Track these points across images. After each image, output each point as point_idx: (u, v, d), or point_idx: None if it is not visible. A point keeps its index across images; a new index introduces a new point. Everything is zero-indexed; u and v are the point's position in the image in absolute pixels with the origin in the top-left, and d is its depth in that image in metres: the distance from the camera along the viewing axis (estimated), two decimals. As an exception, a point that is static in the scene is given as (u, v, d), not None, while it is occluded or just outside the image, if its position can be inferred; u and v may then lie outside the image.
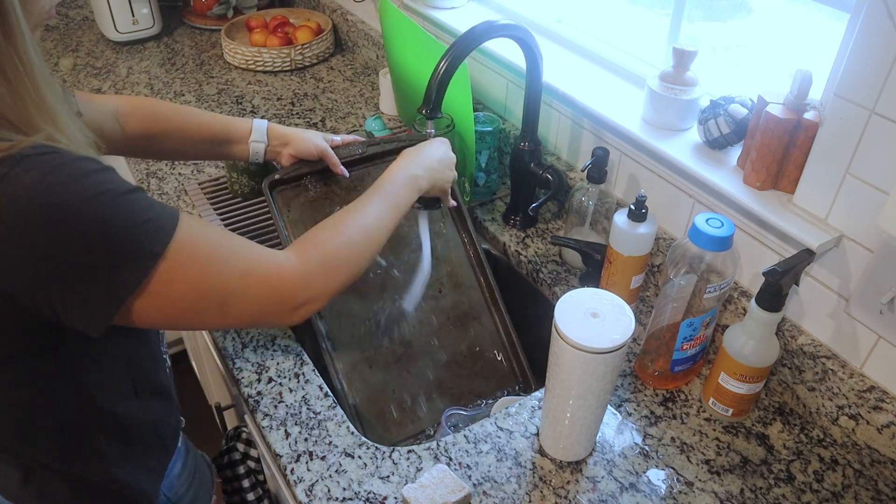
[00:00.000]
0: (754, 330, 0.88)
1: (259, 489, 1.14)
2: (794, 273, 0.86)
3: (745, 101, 0.99)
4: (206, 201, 1.32)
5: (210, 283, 0.68)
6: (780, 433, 0.94)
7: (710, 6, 1.16)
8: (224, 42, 1.84)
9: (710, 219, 0.88)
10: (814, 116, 0.88)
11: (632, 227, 1.00)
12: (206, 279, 0.68)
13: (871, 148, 0.81)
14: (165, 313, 0.67)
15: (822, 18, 1.00)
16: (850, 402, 0.90)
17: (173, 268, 0.65)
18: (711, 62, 1.16)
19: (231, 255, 0.71)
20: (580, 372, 0.77)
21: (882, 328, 0.86)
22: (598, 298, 0.80)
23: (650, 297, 1.14)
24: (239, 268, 0.70)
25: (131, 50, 1.92)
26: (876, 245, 0.84)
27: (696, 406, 0.97)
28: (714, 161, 1.01)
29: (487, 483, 0.87)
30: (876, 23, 0.76)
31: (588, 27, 1.33)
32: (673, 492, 0.86)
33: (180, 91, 1.72)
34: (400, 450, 0.90)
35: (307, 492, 0.85)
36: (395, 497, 0.85)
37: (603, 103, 1.15)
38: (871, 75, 0.78)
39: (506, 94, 1.42)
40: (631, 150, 1.15)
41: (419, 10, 1.52)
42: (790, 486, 0.87)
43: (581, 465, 0.89)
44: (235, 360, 1.02)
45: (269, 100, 1.69)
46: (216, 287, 0.69)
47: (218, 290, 0.69)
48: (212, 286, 0.69)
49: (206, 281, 0.68)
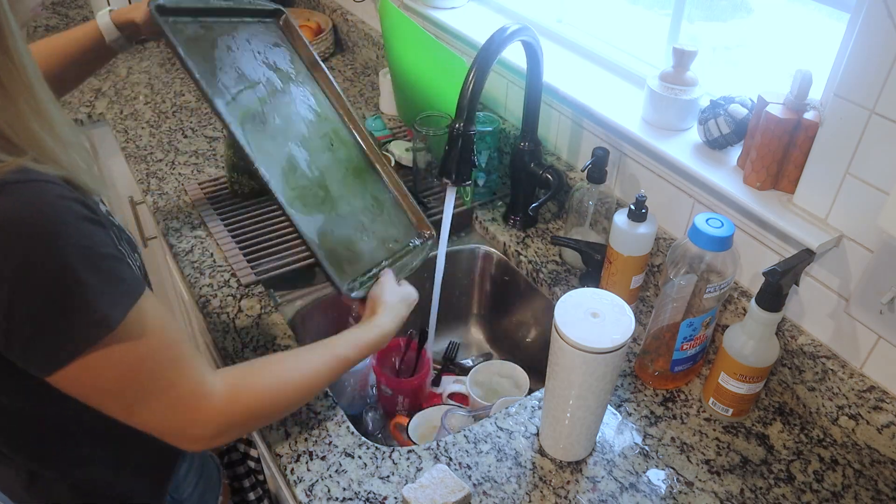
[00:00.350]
0: (754, 330, 0.88)
1: (259, 489, 1.14)
2: (794, 273, 0.86)
3: (745, 101, 0.99)
4: (206, 201, 1.32)
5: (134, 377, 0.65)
6: (780, 433, 0.94)
7: (710, 6, 1.16)
8: (224, 42, 1.84)
9: (710, 219, 0.88)
10: (814, 116, 0.88)
11: (632, 227, 1.00)
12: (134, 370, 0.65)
13: (871, 148, 0.81)
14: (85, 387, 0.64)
15: (822, 18, 1.00)
16: (850, 402, 0.90)
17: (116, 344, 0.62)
18: (711, 62, 1.16)
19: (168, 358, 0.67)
20: (580, 372, 0.77)
21: (882, 328, 0.86)
22: (598, 298, 0.80)
23: (650, 297, 1.14)
24: (168, 376, 0.67)
25: (131, 50, 1.92)
26: (876, 245, 0.84)
27: (696, 406, 0.97)
28: (714, 161, 1.01)
29: (487, 483, 0.87)
30: (876, 23, 0.76)
31: (588, 27, 1.33)
32: (673, 492, 0.86)
33: (180, 91, 1.71)
34: (400, 450, 0.90)
35: (307, 492, 0.85)
36: (395, 497, 0.85)
37: (603, 103, 1.15)
38: (871, 75, 0.78)
39: (506, 94, 1.42)
40: (631, 150, 1.15)
41: (419, 10, 1.52)
42: (790, 486, 0.87)
43: (581, 465, 0.89)
44: (235, 361, 1.02)
45: (269, 100, 1.69)
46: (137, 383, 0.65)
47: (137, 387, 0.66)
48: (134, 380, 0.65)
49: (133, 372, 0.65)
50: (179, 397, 0.68)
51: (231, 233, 1.25)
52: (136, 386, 0.65)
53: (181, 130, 1.55)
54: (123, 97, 1.69)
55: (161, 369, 0.66)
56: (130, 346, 0.63)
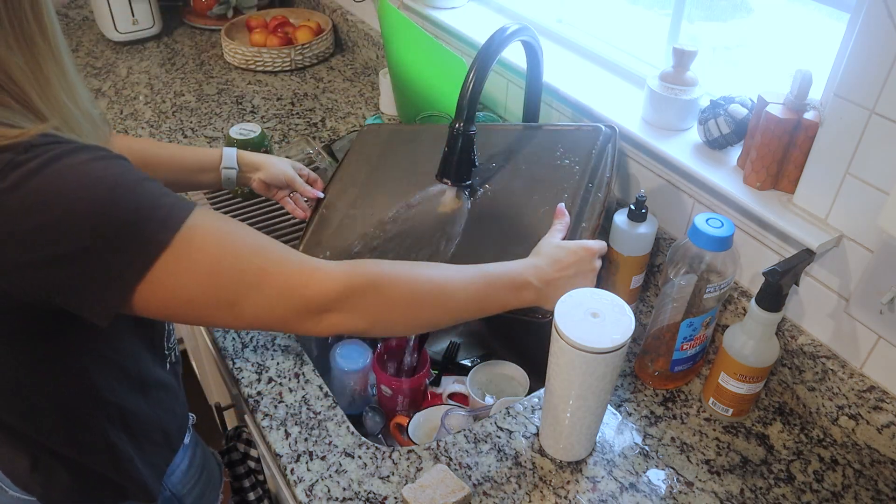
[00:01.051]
0: (754, 330, 0.88)
1: (259, 489, 1.14)
2: (794, 273, 0.86)
3: (745, 101, 0.99)
4: (206, 201, 1.32)
5: (219, 279, 0.64)
6: (780, 433, 0.94)
7: (710, 6, 1.16)
8: (224, 42, 1.84)
9: (710, 219, 0.88)
10: (814, 116, 0.88)
11: (632, 227, 1.01)
12: (215, 274, 0.64)
13: (871, 148, 0.81)
14: (170, 305, 0.64)
15: (822, 18, 1.00)
16: (850, 402, 0.90)
17: (179, 258, 0.62)
18: (711, 62, 1.16)
19: (249, 251, 0.66)
20: (580, 372, 0.77)
21: (882, 328, 0.86)
22: (598, 298, 0.80)
23: (650, 297, 1.14)
24: (256, 265, 0.66)
25: (131, 50, 1.93)
26: (876, 245, 0.84)
27: (696, 406, 0.97)
28: (714, 161, 1.01)
29: (487, 483, 0.87)
30: (876, 23, 0.76)
31: (588, 27, 1.33)
32: (673, 492, 0.86)
33: (180, 91, 1.72)
34: (400, 450, 0.90)
35: (307, 492, 0.85)
36: (395, 497, 0.85)
37: (603, 103, 1.15)
38: (871, 75, 0.78)
39: (506, 94, 1.42)
40: (631, 150, 1.15)
41: (419, 10, 1.52)
42: (790, 486, 0.87)
43: (581, 465, 0.89)
44: (235, 360, 1.02)
45: (269, 100, 1.69)
46: (226, 284, 0.65)
47: (229, 288, 0.65)
48: (221, 282, 0.64)
49: (215, 276, 0.64)
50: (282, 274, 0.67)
51: (231, 233, 1.24)
52: (224, 288, 0.65)
53: (181, 130, 1.55)
54: (123, 97, 1.69)
55: (243, 263, 0.65)
56: (197, 254, 0.63)
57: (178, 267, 0.62)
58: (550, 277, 0.82)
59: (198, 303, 0.65)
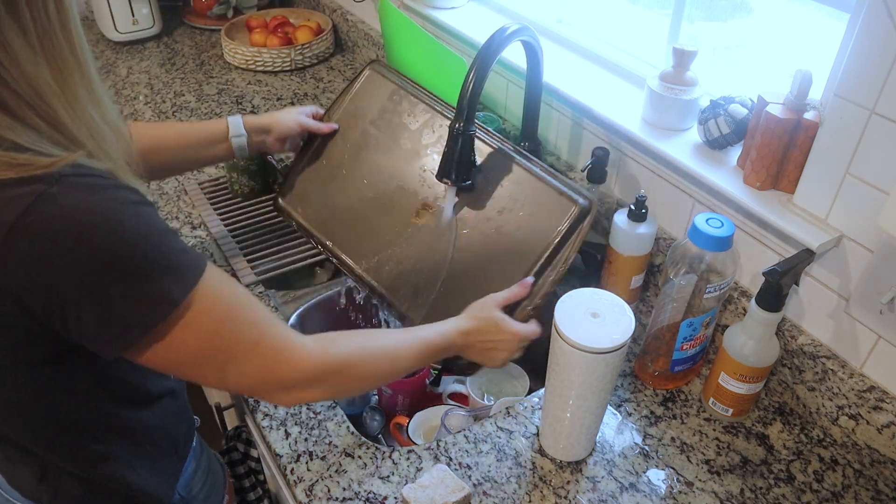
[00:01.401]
0: (754, 330, 0.88)
1: (259, 489, 1.14)
2: (794, 273, 0.86)
3: (745, 101, 0.99)
4: (206, 201, 1.32)
5: (218, 343, 0.67)
6: (780, 433, 0.94)
7: (710, 6, 1.16)
8: (224, 42, 1.84)
9: (710, 219, 0.88)
10: (814, 116, 0.88)
11: (632, 227, 1.01)
12: (215, 337, 0.67)
13: (871, 148, 0.81)
14: (169, 359, 0.66)
15: (822, 18, 1.00)
16: (850, 402, 0.90)
17: (188, 317, 0.64)
18: (711, 62, 1.16)
19: (248, 319, 0.69)
20: (580, 372, 0.78)
21: (882, 328, 0.86)
22: (598, 298, 0.80)
23: (650, 297, 1.14)
24: (251, 335, 0.69)
25: (131, 50, 1.93)
26: (876, 245, 0.84)
27: (696, 406, 0.97)
28: (714, 161, 1.01)
29: (487, 483, 0.87)
30: (876, 23, 0.76)
31: (588, 27, 1.33)
32: (673, 492, 0.86)
33: (180, 91, 1.72)
34: (400, 450, 0.90)
35: (307, 492, 0.85)
36: (395, 497, 0.85)
37: (603, 103, 1.15)
38: (871, 75, 0.78)
39: (506, 94, 1.42)
40: (631, 150, 1.15)
41: (419, 10, 1.52)
42: (790, 486, 0.87)
43: (581, 465, 0.89)
44: (235, 360, 1.02)
45: (269, 100, 1.69)
46: (223, 347, 0.68)
47: (224, 351, 0.68)
48: (219, 346, 0.67)
49: (215, 337, 0.67)
50: (270, 349, 0.70)
51: (231, 233, 1.25)
52: (219, 351, 0.68)
53: (181, 130, 1.55)
54: (123, 97, 1.69)
55: (241, 331, 0.68)
56: (203, 316, 0.65)
57: (183, 325, 0.64)
58: (472, 342, 0.88)
59: (191, 360, 0.68)
